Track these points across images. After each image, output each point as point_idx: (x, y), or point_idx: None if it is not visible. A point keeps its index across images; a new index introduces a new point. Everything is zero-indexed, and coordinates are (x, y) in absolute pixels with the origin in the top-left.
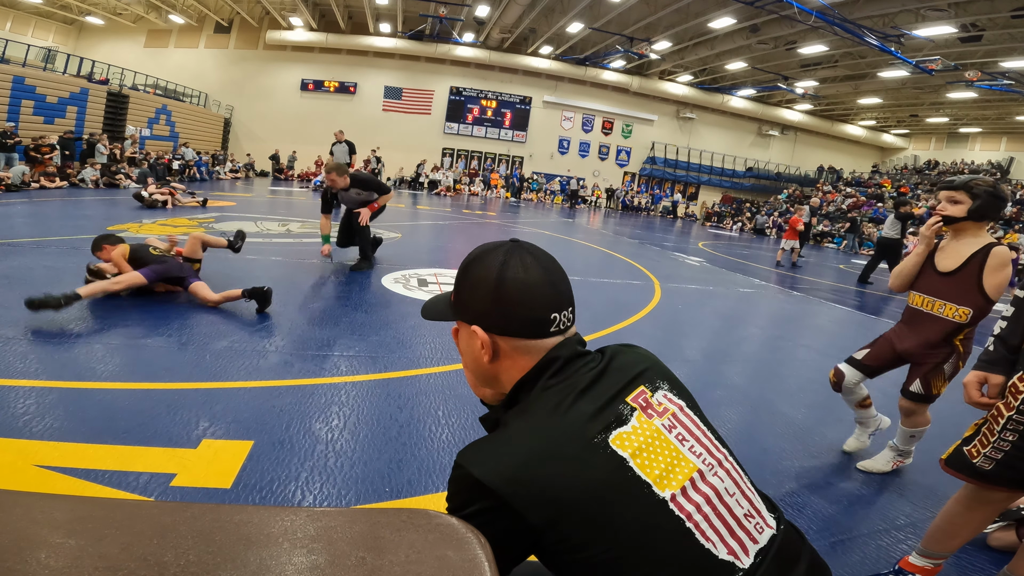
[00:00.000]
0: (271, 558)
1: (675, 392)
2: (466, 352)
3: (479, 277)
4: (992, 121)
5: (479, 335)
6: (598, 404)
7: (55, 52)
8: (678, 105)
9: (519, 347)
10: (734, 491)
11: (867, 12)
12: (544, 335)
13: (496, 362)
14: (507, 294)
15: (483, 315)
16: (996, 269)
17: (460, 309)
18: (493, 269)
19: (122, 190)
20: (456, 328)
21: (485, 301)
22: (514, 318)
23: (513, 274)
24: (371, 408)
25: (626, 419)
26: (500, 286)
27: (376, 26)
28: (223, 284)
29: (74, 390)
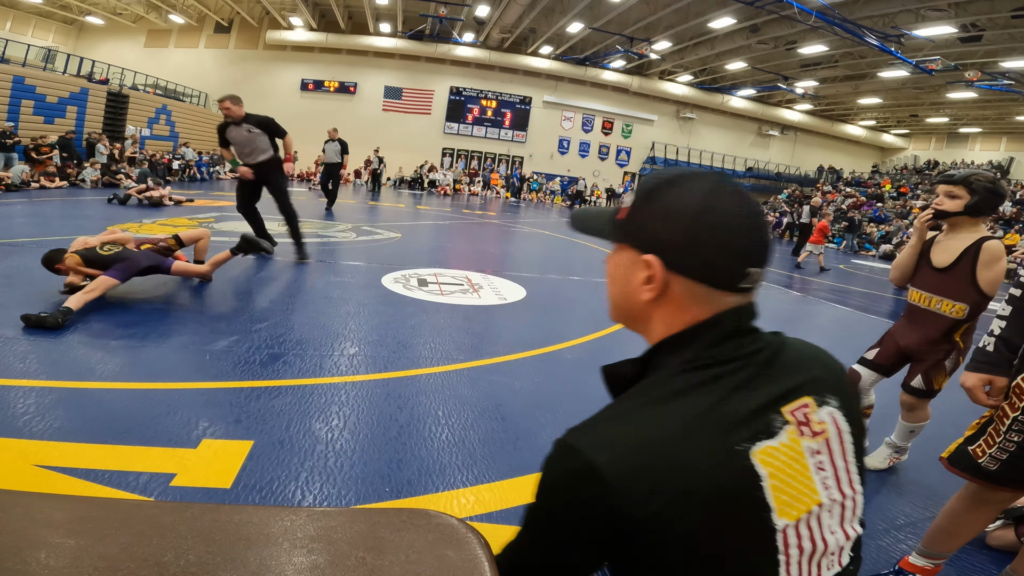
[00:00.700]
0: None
1: (844, 412)
2: (621, 281)
3: (675, 203)
4: (992, 121)
5: (652, 267)
6: (751, 406)
7: (55, 52)
8: (678, 105)
9: (696, 295)
10: (836, 530)
11: (867, 12)
12: (730, 288)
13: (657, 304)
14: (709, 229)
15: (667, 246)
16: (989, 264)
17: (632, 232)
18: (696, 196)
19: (122, 190)
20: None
21: (676, 231)
22: (707, 260)
23: (723, 208)
24: (371, 408)
25: (775, 432)
26: (703, 217)
27: (376, 26)
28: (221, 286)
29: (74, 390)
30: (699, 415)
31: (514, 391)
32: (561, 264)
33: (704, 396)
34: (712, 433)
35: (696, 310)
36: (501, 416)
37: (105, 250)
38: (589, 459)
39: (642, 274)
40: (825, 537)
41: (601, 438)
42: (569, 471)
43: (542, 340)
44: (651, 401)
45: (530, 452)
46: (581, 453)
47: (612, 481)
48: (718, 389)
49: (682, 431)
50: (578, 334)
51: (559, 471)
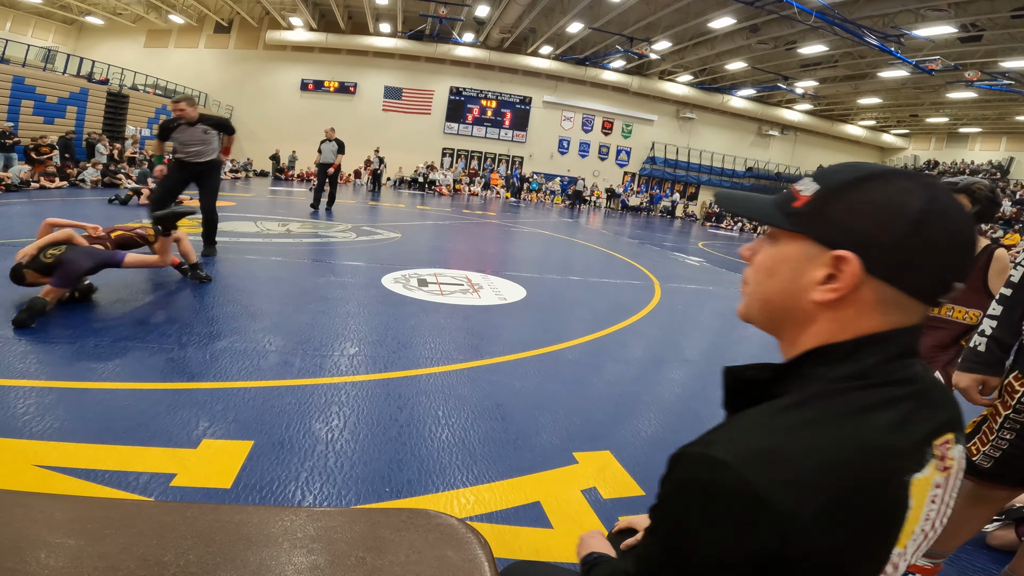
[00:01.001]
0: (271, 558)
1: (964, 452)
2: (783, 276)
3: (892, 200)
4: (992, 121)
5: (848, 266)
6: (916, 437)
7: (55, 52)
8: (678, 105)
9: (888, 302)
10: (906, 560)
11: (867, 12)
12: (929, 301)
13: (830, 307)
14: (933, 236)
15: (873, 246)
16: (1001, 272)
17: (819, 224)
18: (919, 196)
19: (121, 190)
20: (764, 243)
21: (889, 231)
22: (922, 267)
23: (947, 213)
24: (371, 408)
25: (924, 464)
26: (928, 222)
27: (376, 26)
28: (221, 286)
29: (74, 390)
30: (874, 440)
31: (514, 391)
32: (561, 264)
33: (879, 419)
34: (884, 460)
35: (877, 319)
36: (501, 416)
37: (47, 256)
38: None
39: (821, 271)
40: (896, 563)
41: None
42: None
43: (542, 340)
44: (823, 418)
45: (530, 452)
46: (731, 468)
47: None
48: (891, 414)
49: (857, 455)
50: (578, 334)
51: (709, 490)
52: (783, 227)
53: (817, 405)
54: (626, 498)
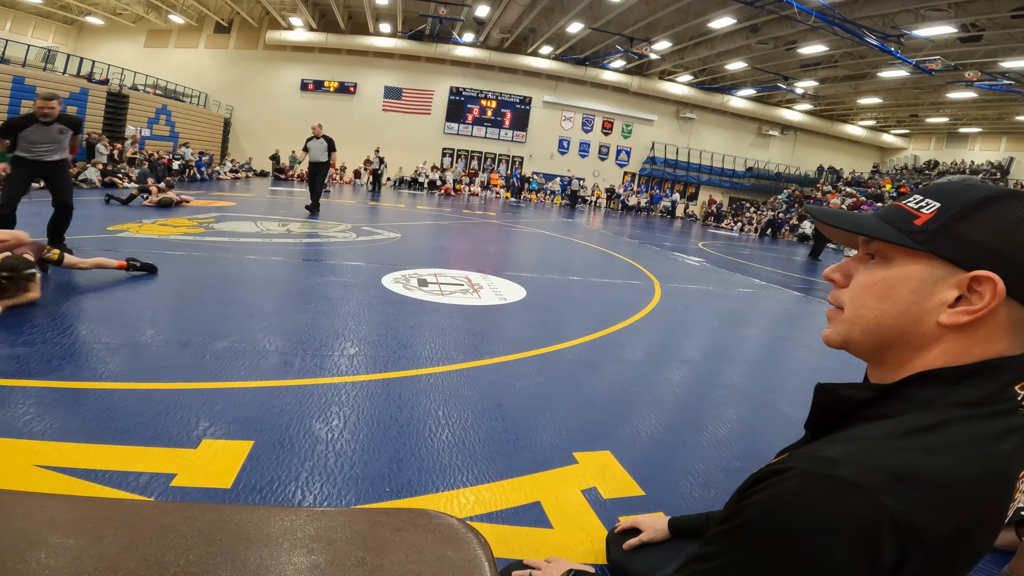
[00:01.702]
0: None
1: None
2: (903, 298)
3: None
4: (992, 121)
5: (990, 287)
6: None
7: (55, 52)
8: (678, 105)
9: (1021, 324)
10: None
11: (867, 12)
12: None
13: (960, 329)
14: None
15: (1016, 267)
16: None
17: (949, 243)
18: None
19: (121, 190)
20: (859, 264)
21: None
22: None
23: None
24: (371, 408)
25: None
26: None
27: (376, 26)
28: (221, 285)
29: (74, 390)
30: (999, 468)
31: (514, 391)
32: (561, 264)
33: (1004, 448)
34: (1004, 488)
35: (1007, 342)
36: (501, 416)
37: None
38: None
39: (951, 293)
40: None
41: (893, 474)
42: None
43: (542, 340)
44: (956, 444)
45: (530, 452)
46: (865, 490)
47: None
48: (1012, 443)
49: (987, 483)
50: (578, 334)
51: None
52: (907, 245)
53: (950, 431)
54: (626, 498)
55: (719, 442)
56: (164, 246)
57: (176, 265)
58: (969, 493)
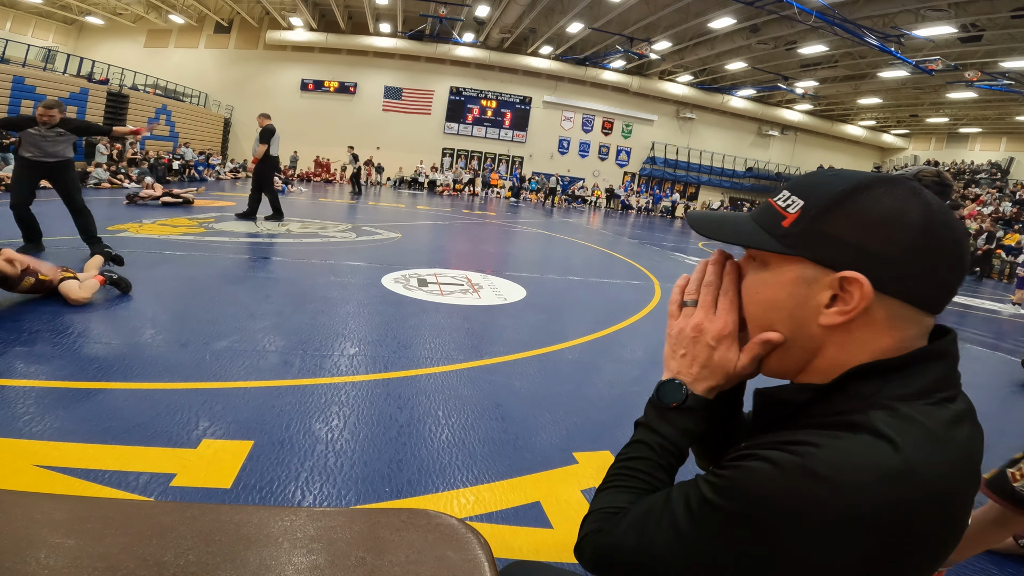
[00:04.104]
0: (271, 558)
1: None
2: (786, 304)
3: (891, 212)
4: (992, 121)
5: (858, 287)
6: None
7: (55, 52)
8: (678, 105)
9: (900, 318)
10: None
11: (867, 12)
12: (936, 310)
13: (841, 330)
14: (938, 245)
15: (881, 263)
16: None
17: (817, 243)
18: (916, 207)
19: (121, 190)
20: (759, 264)
21: (897, 245)
22: (931, 279)
23: (944, 220)
24: (371, 408)
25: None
26: (930, 231)
27: (376, 26)
28: (220, 285)
29: (74, 390)
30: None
31: (514, 391)
32: (561, 264)
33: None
34: (967, 482)
35: (889, 336)
36: (501, 416)
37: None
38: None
39: (825, 294)
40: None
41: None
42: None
43: (542, 340)
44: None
45: (530, 452)
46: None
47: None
48: (961, 431)
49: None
50: (578, 334)
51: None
52: (777, 251)
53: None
54: None
55: None
56: (164, 246)
57: (176, 265)
58: (948, 487)
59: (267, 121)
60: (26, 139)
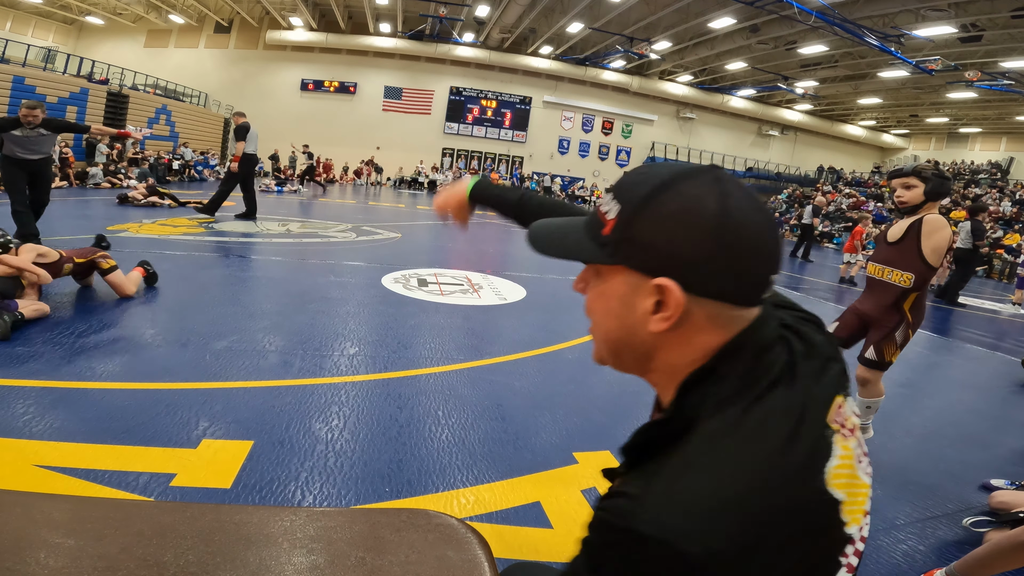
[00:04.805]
0: (271, 558)
1: (850, 393)
2: (616, 313)
3: (686, 210)
4: (992, 121)
5: (668, 293)
6: (812, 434)
7: (55, 52)
8: (678, 105)
9: (719, 317)
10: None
11: (867, 12)
12: (754, 303)
13: (671, 334)
14: (736, 239)
15: (686, 265)
16: (930, 234)
17: (630, 251)
18: (711, 198)
19: (121, 189)
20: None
21: (696, 245)
22: (737, 275)
23: (741, 210)
24: (371, 408)
25: (831, 448)
26: (726, 226)
27: (376, 26)
28: (221, 285)
29: (74, 390)
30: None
31: (514, 391)
32: (561, 264)
33: (769, 438)
34: (795, 479)
35: (716, 334)
36: (501, 416)
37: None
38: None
39: (649, 301)
40: (854, 538)
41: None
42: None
43: (542, 340)
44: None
45: (530, 452)
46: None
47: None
48: (777, 425)
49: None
50: (578, 334)
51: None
52: (601, 262)
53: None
54: None
55: None
56: (164, 246)
57: (176, 265)
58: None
59: (242, 119)
60: (11, 140)
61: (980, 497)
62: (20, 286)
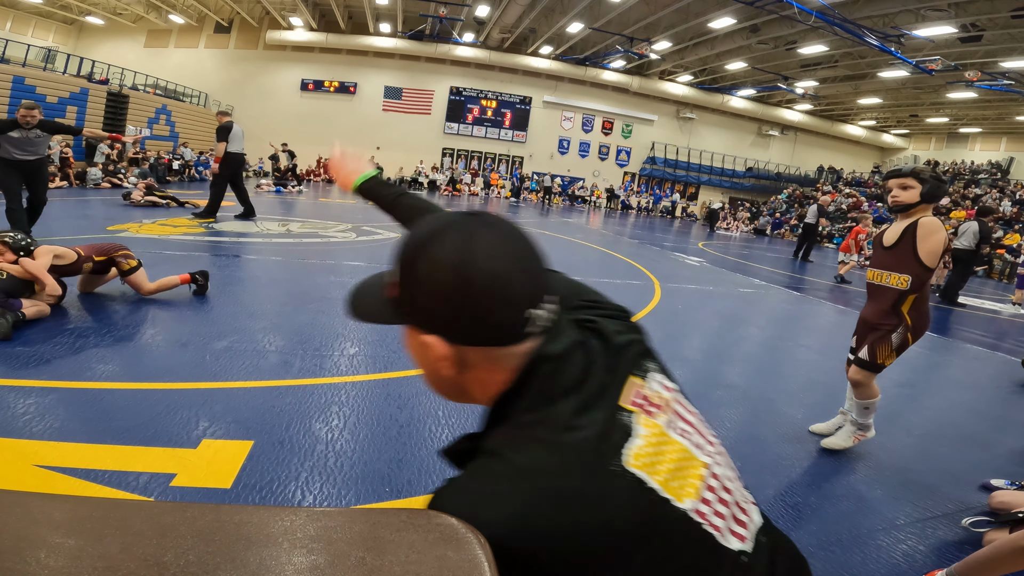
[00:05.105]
0: (271, 558)
1: (666, 375)
2: (423, 362)
3: (432, 270)
4: (992, 121)
5: (437, 349)
6: (601, 424)
7: (55, 52)
8: (678, 105)
9: (492, 357)
10: (732, 476)
11: (867, 12)
12: (520, 339)
13: (463, 375)
14: (474, 295)
15: (441, 322)
16: (925, 236)
17: (408, 312)
18: (450, 259)
19: (121, 189)
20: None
21: (443, 303)
22: (484, 324)
23: (480, 265)
24: (371, 408)
25: (631, 429)
26: (464, 285)
27: (376, 26)
28: (220, 285)
29: (74, 390)
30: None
31: None
32: (561, 264)
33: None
34: (588, 465)
35: (501, 371)
36: None
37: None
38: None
39: (431, 353)
40: (728, 487)
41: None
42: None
43: None
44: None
45: None
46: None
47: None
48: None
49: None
50: None
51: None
52: (391, 323)
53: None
54: None
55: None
56: (164, 246)
57: (176, 265)
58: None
59: (225, 118)
60: (7, 142)
61: (980, 497)
62: (32, 290)
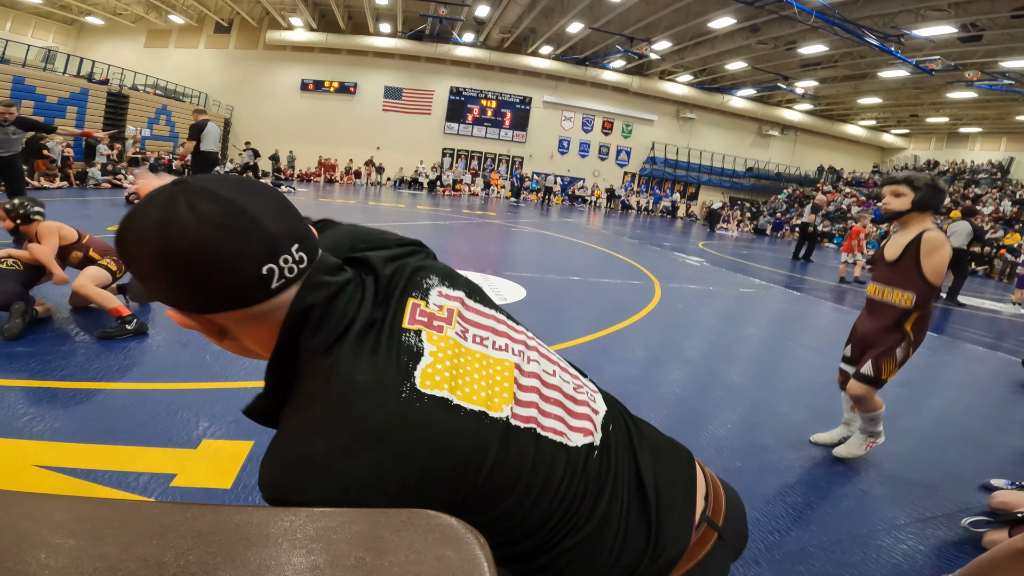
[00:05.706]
0: (271, 558)
1: (448, 284)
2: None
3: (136, 251)
4: (992, 121)
5: (183, 320)
6: (385, 348)
7: (55, 52)
8: (678, 105)
9: (247, 317)
10: (553, 369)
11: (867, 12)
12: (269, 295)
13: (233, 339)
14: (181, 268)
15: (167, 295)
16: (929, 253)
17: (147, 288)
18: (148, 238)
19: (121, 189)
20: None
21: (159, 279)
22: (209, 291)
23: (178, 238)
24: None
25: (419, 348)
26: (166, 261)
27: (376, 26)
28: None
29: (74, 390)
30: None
31: None
32: (561, 264)
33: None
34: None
35: (265, 327)
36: None
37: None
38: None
39: (184, 324)
40: (551, 383)
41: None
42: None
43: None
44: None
45: None
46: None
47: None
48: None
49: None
50: (578, 334)
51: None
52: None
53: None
54: None
55: (719, 442)
56: None
57: None
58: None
59: (201, 116)
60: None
61: (980, 497)
62: (42, 273)
